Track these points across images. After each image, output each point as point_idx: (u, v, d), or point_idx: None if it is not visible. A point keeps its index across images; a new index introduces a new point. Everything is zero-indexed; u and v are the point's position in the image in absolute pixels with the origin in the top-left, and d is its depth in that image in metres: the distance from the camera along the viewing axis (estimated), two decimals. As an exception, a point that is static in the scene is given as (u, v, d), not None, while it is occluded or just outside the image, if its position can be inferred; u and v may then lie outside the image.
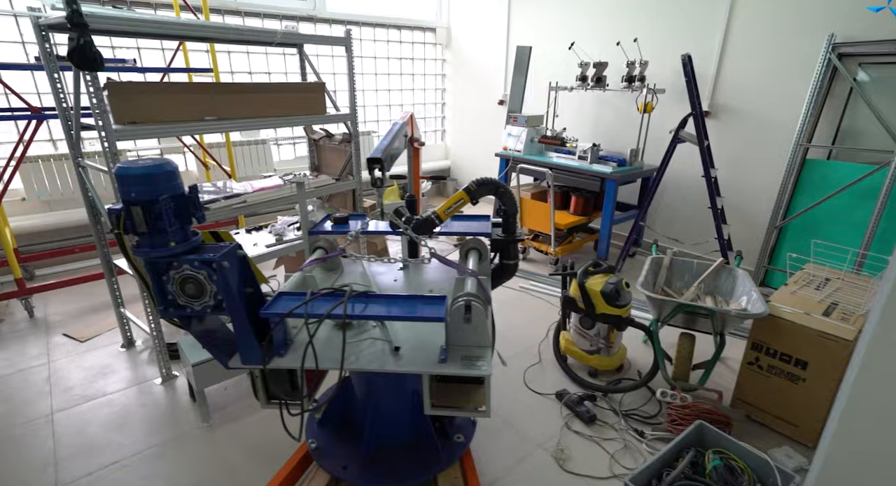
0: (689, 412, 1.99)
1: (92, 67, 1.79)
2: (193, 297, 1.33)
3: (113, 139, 1.97)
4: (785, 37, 3.21)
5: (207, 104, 2.36)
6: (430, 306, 1.37)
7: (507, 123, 4.32)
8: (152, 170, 1.20)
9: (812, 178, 3.17)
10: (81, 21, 1.73)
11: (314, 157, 3.44)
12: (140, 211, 1.22)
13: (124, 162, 1.23)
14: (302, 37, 2.69)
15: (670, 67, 3.77)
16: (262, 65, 4.56)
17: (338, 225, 2.12)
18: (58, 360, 2.60)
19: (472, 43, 5.45)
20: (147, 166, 1.20)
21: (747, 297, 2.25)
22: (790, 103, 3.24)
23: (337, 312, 1.33)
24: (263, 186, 2.73)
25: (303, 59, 3.15)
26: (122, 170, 1.19)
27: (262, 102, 2.54)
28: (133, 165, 1.20)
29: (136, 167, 1.19)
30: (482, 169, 5.78)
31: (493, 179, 1.91)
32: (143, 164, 1.21)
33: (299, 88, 2.74)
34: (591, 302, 2.39)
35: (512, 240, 1.96)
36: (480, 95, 5.49)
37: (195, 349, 2.12)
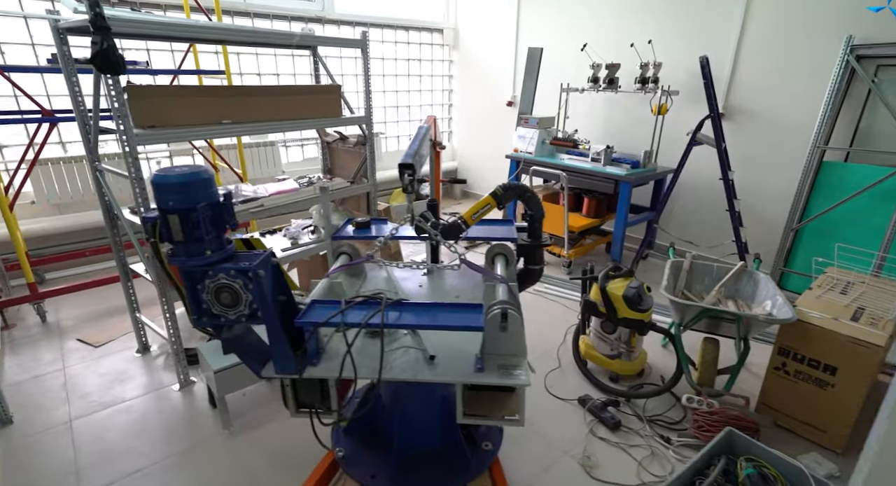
0: (716, 418, 1.97)
1: (115, 71, 1.77)
2: (228, 306, 1.30)
3: (134, 143, 1.95)
4: (801, 38, 3.20)
5: (225, 107, 2.34)
6: (467, 315, 1.35)
7: (518, 125, 4.30)
8: (190, 178, 1.18)
9: (829, 180, 3.15)
10: (105, 24, 1.71)
11: (327, 159, 3.42)
12: (177, 219, 1.19)
13: (161, 169, 1.21)
14: (319, 39, 2.66)
15: (683, 69, 3.75)
16: (271, 66, 4.54)
17: (360, 230, 2.10)
18: (73, 366, 2.58)
19: (480, 44, 5.43)
20: (185, 174, 1.18)
21: (772, 301, 2.24)
22: (806, 105, 3.22)
23: (373, 321, 1.31)
24: (279, 190, 2.71)
25: (316, 60, 3.12)
26: (159, 178, 1.17)
27: (278, 105, 2.52)
28: (170, 173, 1.18)
29: (174, 175, 1.17)
30: (490, 170, 5.77)
31: (519, 184, 1.90)
32: (180, 171, 1.19)
33: (315, 90, 2.71)
34: (613, 306, 2.37)
35: (538, 245, 1.94)
36: (488, 97, 5.47)
37: (216, 356, 2.10)
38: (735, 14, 3.44)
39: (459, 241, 1.82)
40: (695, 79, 3.72)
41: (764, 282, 2.45)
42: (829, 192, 3.15)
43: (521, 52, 4.97)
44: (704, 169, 3.70)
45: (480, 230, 2.06)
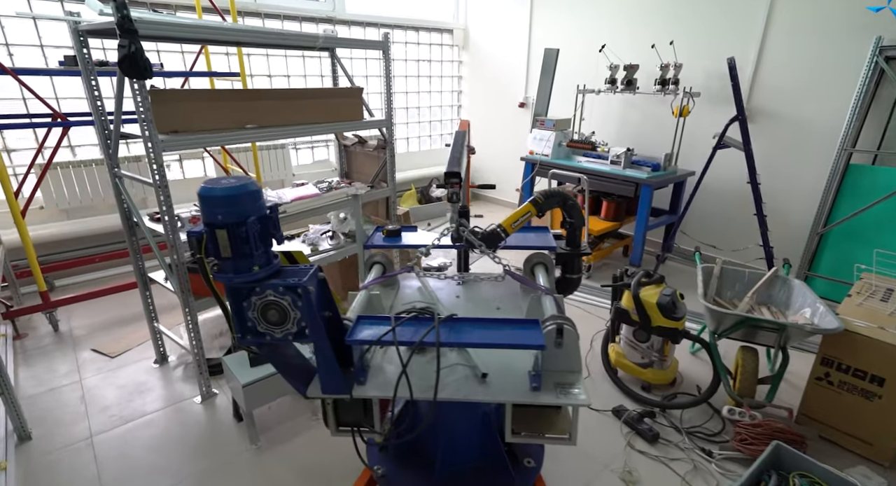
0: (761, 431, 1.92)
1: (142, 75, 1.70)
2: (275, 324, 1.24)
3: (159, 150, 1.88)
4: (825, 39, 3.15)
5: (248, 111, 2.27)
6: (525, 332, 1.29)
7: (533, 127, 4.24)
8: (238, 190, 1.12)
9: (856, 183, 3.11)
10: (132, 27, 1.64)
11: (344, 163, 3.35)
12: (225, 235, 1.13)
13: (207, 182, 1.14)
14: (342, 41, 2.60)
15: (702, 70, 3.70)
16: (281, 67, 4.46)
17: (390, 238, 2.04)
18: (89, 377, 2.50)
19: (491, 45, 5.37)
20: (233, 187, 1.11)
21: (811, 309, 2.19)
22: (831, 107, 3.18)
23: (428, 339, 1.25)
24: (300, 195, 2.64)
25: (334, 62, 3.05)
26: (206, 191, 1.10)
27: (301, 109, 2.45)
28: (217, 186, 1.11)
29: (222, 188, 1.11)
30: (501, 172, 5.71)
31: (560, 191, 1.84)
32: (227, 184, 1.13)
33: (337, 93, 2.65)
34: (647, 315, 2.31)
35: (578, 253, 1.88)
36: (499, 98, 5.41)
37: (243, 368, 2.04)
38: (758, 14, 3.39)
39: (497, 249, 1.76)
40: (714, 80, 3.68)
41: (799, 288, 2.40)
42: (856, 195, 3.11)
43: (533, 53, 4.91)
44: (725, 172, 3.65)
45: (515, 238, 1.99)
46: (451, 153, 1.62)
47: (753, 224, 3.44)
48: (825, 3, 3.12)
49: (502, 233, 1.79)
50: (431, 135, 5.98)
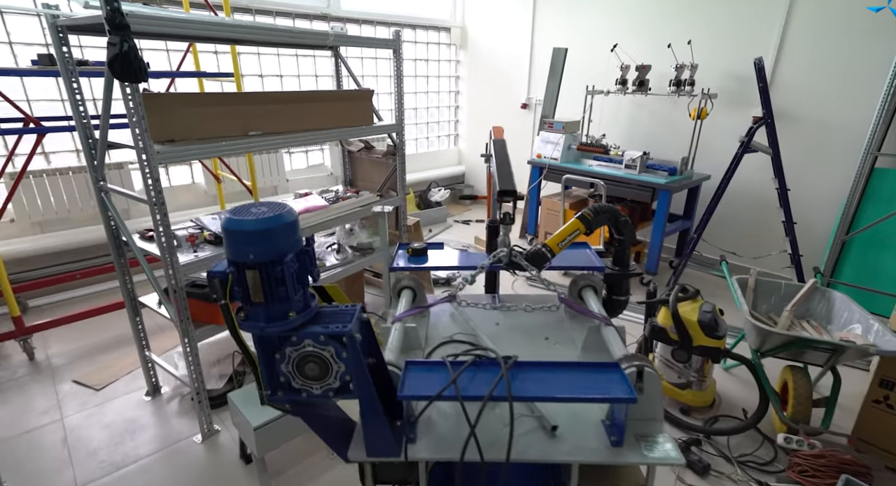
0: (825, 462, 1.77)
1: (136, 78, 1.47)
2: (314, 378, 1.03)
3: (155, 162, 1.64)
4: (848, 39, 3.06)
5: (252, 117, 2.04)
6: (605, 377, 1.10)
7: (541, 130, 4.07)
8: (274, 223, 0.91)
9: (881, 188, 3.02)
10: (123, 22, 1.41)
11: (348, 169, 3.13)
12: (257, 276, 0.92)
13: (233, 211, 0.93)
14: (352, 39, 2.38)
15: (717, 71, 3.58)
16: (273, 67, 4.21)
17: (416, 258, 1.85)
18: (72, 415, 2.24)
19: (492, 44, 5.19)
20: (268, 219, 0.90)
21: (863, 326, 2.06)
22: (853, 108, 3.09)
23: (496, 389, 1.06)
24: (307, 208, 2.42)
25: (338, 62, 2.83)
26: (234, 224, 0.89)
27: (308, 113, 2.23)
28: (247, 218, 0.90)
29: (255, 221, 0.89)
30: (500, 175, 5.52)
31: (612, 207, 1.67)
32: (259, 214, 0.92)
33: (346, 96, 2.43)
34: (687, 333, 2.16)
35: (629, 274, 1.72)
36: (500, 99, 5.24)
37: (252, 407, 1.81)
38: (777, 14, 3.28)
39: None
40: (730, 81, 3.56)
41: (841, 301, 2.28)
42: (881, 200, 3.02)
43: (536, 53, 4.75)
44: (743, 175, 3.53)
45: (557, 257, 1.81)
46: (498, 167, 1.43)
47: (774, 230, 3.34)
48: (845, 3, 3.02)
49: (548, 253, 1.61)
50: (429, 137, 5.77)
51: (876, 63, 2.96)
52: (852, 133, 3.10)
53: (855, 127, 3.08)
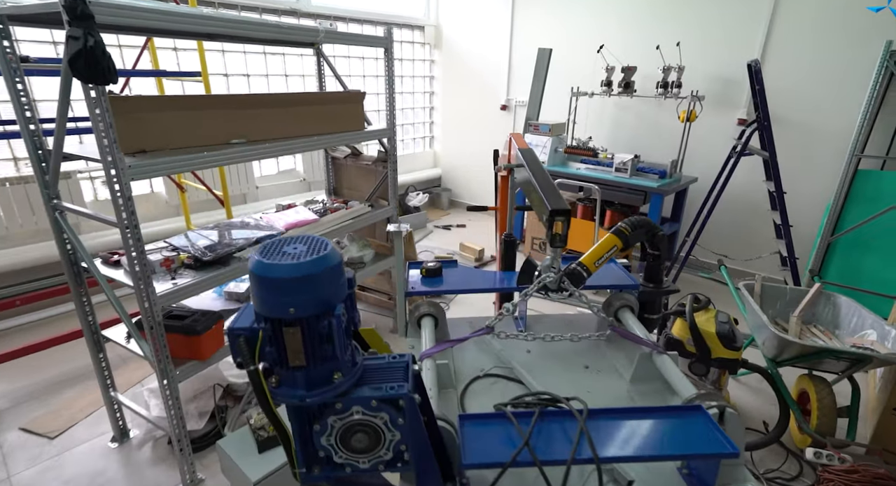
0: (857, 477, 1.73)
1: (104, 79, 1.21)
2: (363, 451, 0.84)
3: (127, 179, 1.39)
4: (830, 43, 3.11)
5: (234, 122, 1.80)
6: (693, 425, 0.97)
7: (526, 132, 3.96)
8: (320, 266, 0.71)
9: (864, 189, 3.09)
10: (87, 11, 1.16)
11: (332, 177, 2.89)
12: (298, 335, 0.72)
13: (263, 251, 0.72)
14: (344, 36, 2.17)
15: (702, 73, 3.58)
16: (239, 66, 3.89)
17: (430, 279, 1.67)
18: (22, 472, 1.91)
19: (468, 43, 5.04)
20: (312, 262, 0.70)
21: (877, 331, 2.05)
22: (836, 111, 3.15)
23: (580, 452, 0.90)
24: (295, 222, 2.18)
25: (320, 61, 2.60)
26: (269, 269, 0.69)
27: (296, 118, 2.00)
28: (285, 261, 0.70)
29: (296, 265, 0.70)
30: (480, 180, 5.40)
31: (648, 220, 1.54)
32: (297, 255, 0.72)
33: (335, 98, 2.21)
34: (706, 346, 2.09)
35: (665, 291, 1.61)
36: (478, 100, 5.10)
37: (248, 457, 1.58)
38: (761, 17, 3.30)
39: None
40: (714, 84, 3.57)
41: (847, 306, 2.27)
42: (864, 201, 3.08)
43: (516, 53, 4.64)
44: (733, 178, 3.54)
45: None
46: (539, 183, 1.27)
47: (762, 233, 3.37)
48: (829, 7, 3.07)
49: (584, 273, 1.47)
50: (404, 139, 5.56)
51: (855, 67, 3.02)
52: (834, 136, 3.16)
53: (837, 129, 3.14)
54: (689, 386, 1.16)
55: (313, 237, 0.79)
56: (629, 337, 1.32)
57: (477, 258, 4.03)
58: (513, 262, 1.89)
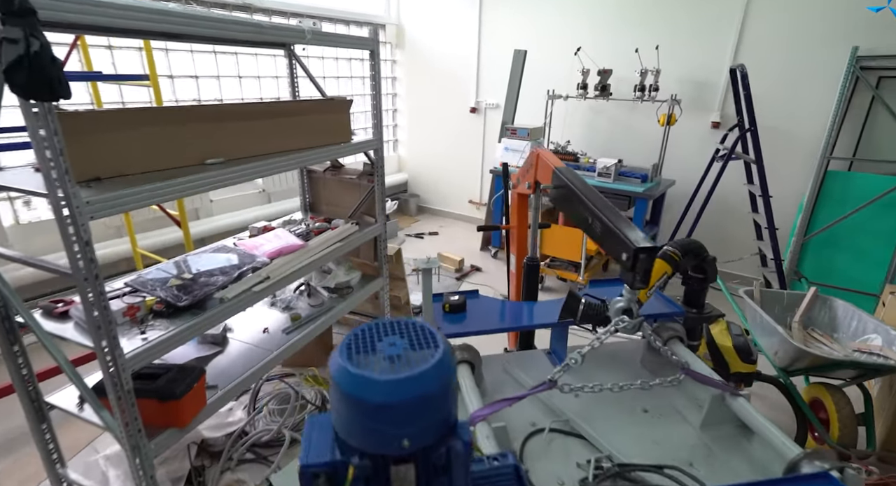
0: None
1: (52, 94, 0.92)
2: None
3: (85, 219, 1.09)
4: (799, 48, 3.19)
5: (208, 139, 1.51)
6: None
7: (503, 136, 3.83)
8: (441, 376, 0.50)
9: (833, 189, 3.20)
10: (27, 6, 0.86)
11: (307, 193, 2.61)
12: (413, 472, 0.51)
13: (348, 350, 0.50)
14: (331, 38, 1.91)
15: (675, 76, 3.59)
16: (187, 66, 3.48)
17: (453, 315, 1.48)
18: None
19: (433, 43, 4.84)
20: (432, 371, 0.50)
21: (883, 337, 2.07)
22: (804, 114, 3.24)
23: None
24: (279, 249, 1.90)
25: (293, 63, 2.32)
26: (368, 388, 0.48)
27: (279, 131, 1.73)
28: (390, 375, 0.49)
29: (410, 379, 0.49)
30: (450, 184, 5.21)
31: (697, 242, 1.42)
32: (405, 357, 0.51)
33: (320, 107, 1.95)
34: (724, 360, 2.03)
35: (708, 317, 1.50)
36: (446, 102, 4.91)
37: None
38: (733, 22, 3.34)
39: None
40: (688, 87, 3.59)
41: (844, 309, 2.30)
42: (833, 201, 3.20)
43: (485, 54, 4.49)
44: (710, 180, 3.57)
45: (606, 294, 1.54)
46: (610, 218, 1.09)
47: (741, 234, 3.43)
48: (798, 13, 3.14)
49: (637, 307, 1.33)
50: (366, 144, 5.28)
51: (823, 72, 3.12)
52: (803, 138, 3.25)
53: (806, 132, 3.24)
54: (782, 436, 1.05)
55: (409, 322, 0.57)
56: (704, 381, 1.18)
57: (457, 269, 3.85)
58: (535, 289, 1.73)
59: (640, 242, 0.97)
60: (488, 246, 4.30)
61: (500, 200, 3.95)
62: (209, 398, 1.57)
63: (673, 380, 1.20)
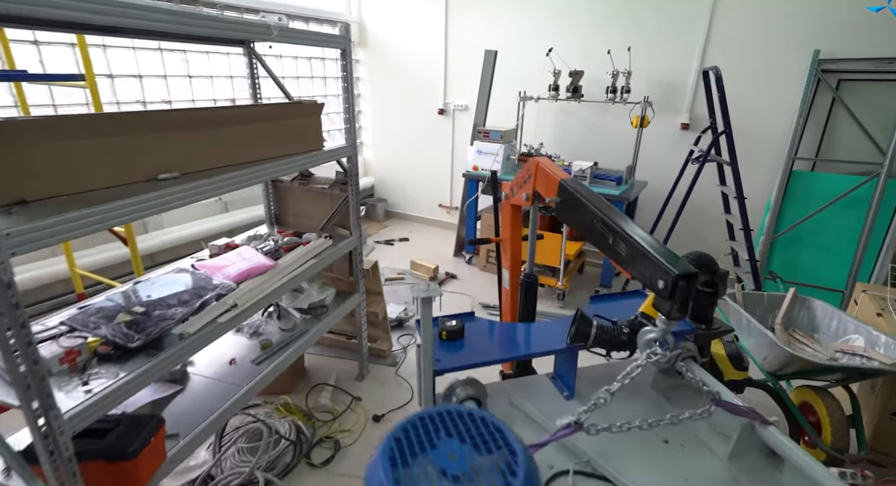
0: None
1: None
2: None
3: (5, 256, 0.87)
4: (765, 51, 3.24)
5: (162, 151, 1.30)
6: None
7: (476, 139, 3.71)
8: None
9: (797, 189, 3.28)
10: None
11: (272, 204, 2.39)
12: None
13: (389, 457, 0.35)
14: (301, 34, 1.72)
15: (646, 78, 3.58)
16: (127, 63, 3.15)
17: (450, 342, 1.34)
18: None
19: (398, 42, 4.65)
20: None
21: (865, 338, 2.09)
22: (772, 116, 3.30)
23: None
24: (248, 271, 1.69)
25: (253, 63, 2.10)
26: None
27: (245, 140, 1.54)
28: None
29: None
30: (419, 188, 5.05)
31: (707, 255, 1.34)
32: (469, 470, 0.36)
33: (289, 112, 1.76)
34: (719, 369, 1.99)
35: (719, 332, 1.43)
36: (412, 103, 4.74)
37: None
38: (700, 23, 3.36)
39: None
40: (657, 89, 3.59)
41: (823, 310, 2.32)
42: (798, 201, 3.28)
43: (452, 54, 4.36)
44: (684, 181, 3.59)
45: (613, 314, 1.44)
46: (642, 243, 0.97)
47: (711, 235, 3.46)
48: (764, 17, 3.19)
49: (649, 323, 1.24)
50: (329, 147, 5.03)
51: (786, 75, 3.18)
52: (768, 139, 3.32)
53: (770, 133, 3.30)
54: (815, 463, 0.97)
55: (465, 413, 0.43)
56: (736, 411, 1.09)
57: (432, 277, 3.70)
58: (534, 308, 1.61)
59: (680, 267, 0.86)
60: (462, 252, 4.18)
61: (474, 204, 3.84)
62: (170, 450, 1.36)
63: (703, 412, 1.10)
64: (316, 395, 2.37)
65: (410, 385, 2.50)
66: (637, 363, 0.99)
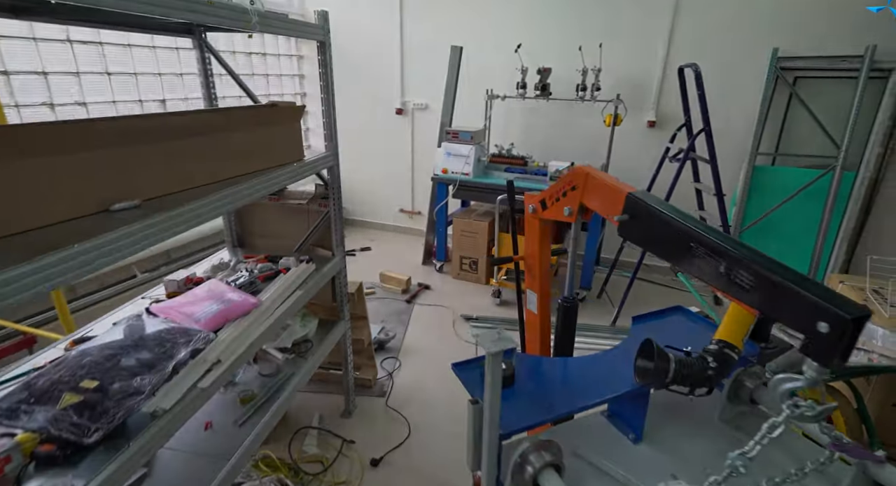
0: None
1: None
2: None
3: None
4: (725, 49, 3.30)
5: (115, 173, 0.97)
6: None
7: (444, 141, 3.49)
8: None
9: (759, 183, 3.37)
10: None
11: (234, 224, 2.03)
12: None
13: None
14: (281, 23, 1.40)
15: (614, 76, 3.53)
16: (18, 58, 2.60)
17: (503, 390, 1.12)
18: None
19: (347, 38, 4.29)
20: None
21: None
22: (729, 112, 3.37)
23: None
24: (225, 314, 1.36)
25: (205, 56, 1.75)
26: None
27: (214, 152, 1.22)
28: None
29: None
30: (378, 193, 4.73)
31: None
32: None
33: (266, 116, 1.44)
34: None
35: (779, 352, 1.33)
36: (366, 104, 4.41)
37: None
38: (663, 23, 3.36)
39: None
40: (624, 87, 3.55)
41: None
42: (759, 195, 3.38)
43: (409, 50, 4.09)
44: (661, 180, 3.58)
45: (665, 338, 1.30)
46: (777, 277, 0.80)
47: (686, 230, 3.49)
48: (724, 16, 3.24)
49: (735, 355, 1.11)
50: (274, 151, 4.58)
51: (746, 72, 3.25)
52: (733, 135, 3.38)
53: (730, 129, 3.37)
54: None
55: None
56: (857, 454, 0.97)
57: (404, 290, 3.44)
58: (572, 339, 1.42)
59: (853, 309, 0.70)
60: (431, 259, 3.95)
61: (444, 209, 3.63)
62: (146, 566, 1.03)
63: (826, 460, 0.97)
64: (300, 442, 2.05)
65: (405, 418, 2.24)
66: (777, 420, 0.82)
